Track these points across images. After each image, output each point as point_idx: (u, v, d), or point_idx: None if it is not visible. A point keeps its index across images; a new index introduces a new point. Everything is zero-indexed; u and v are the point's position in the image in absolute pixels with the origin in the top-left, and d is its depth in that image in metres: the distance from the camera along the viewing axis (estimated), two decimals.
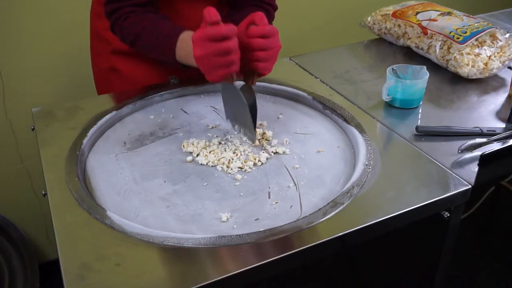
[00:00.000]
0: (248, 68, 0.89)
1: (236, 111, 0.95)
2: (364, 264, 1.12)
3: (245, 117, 0.91)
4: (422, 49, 1.27)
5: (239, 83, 0.91)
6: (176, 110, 1.07)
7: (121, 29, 1.01)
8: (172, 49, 0.94)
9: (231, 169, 0.87)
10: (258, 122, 1.00)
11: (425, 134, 0.96)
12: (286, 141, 0.95)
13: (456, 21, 1.23)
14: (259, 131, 0.97)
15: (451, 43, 1.19)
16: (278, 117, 1.04)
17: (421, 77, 1.05)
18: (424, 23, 1.28)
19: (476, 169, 0.85)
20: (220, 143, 0.95)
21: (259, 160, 0.89)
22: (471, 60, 1.15)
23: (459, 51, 1.17)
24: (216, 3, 1.13)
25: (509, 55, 1.18)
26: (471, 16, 1.28)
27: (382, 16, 1.41)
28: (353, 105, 1.07)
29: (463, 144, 0.89)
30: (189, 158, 0.90)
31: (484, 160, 0.84)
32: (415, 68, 1.07)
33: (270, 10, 1.14)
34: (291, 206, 0.79)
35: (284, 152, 0.92)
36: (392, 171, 0.85)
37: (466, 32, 1.18)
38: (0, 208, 1.66)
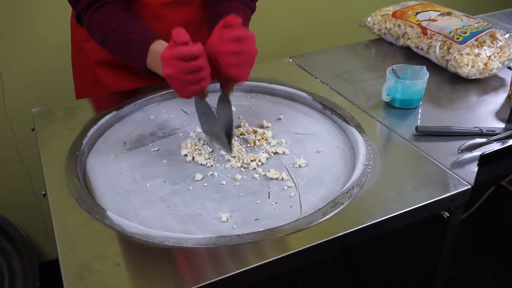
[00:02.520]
0: (223, 75, 0.86)
1: (210, 125, 0.94)
2: (364, 264, 1.12)
3: (218, 131, 0.91)
4: (422, 49, 1.27)
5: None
6: (176, 110, 1.07)
7: (89, 24, 0.98)
8: (143, 58, 0.92)
9: (231, 169, 0.87)
10: (261, 121, 1.00)
11: (425, 134, 0.96)
12: (281, 142, 0.95)
13: (456, 21, 1.23)
14: (259, 130, 0.97)
15: (451, 43, 1.19)
16: (278, 118, 1.04)
17: (421, 77, 1.06)
18: (424, 23, 1.28)
19: (476, 169, 0.85)
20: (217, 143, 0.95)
21: (259, 160, 0.89)
22: (471, 60, 1.15)
23: (459, 51, 1.17)
24: (198, 7, 1.12)
25: (508, 55, 1.18)
26: (471, 16, 1.28)
27: (382, 16, 1.41)
28: (353, 105, 1.07)
29: (463, 144, 0.89)
30: (189, 158, 0.90)
31: (483, 160, 0.84)
32: (415, 68, 1.07)
33: (249, 3, 1.09)
34: (291, 206, 0.79)
35: (284, 152, 0.92)
36: (392, 171, 0.85)
37: (466, 32, 1.18)
38: (0, 208, 1.66)
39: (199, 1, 1.11)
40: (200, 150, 0.92)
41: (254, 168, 0.88)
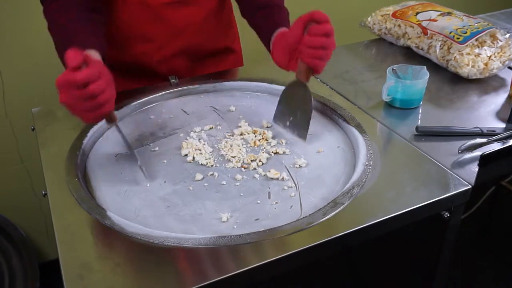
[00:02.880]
0: (303, 64, 0.89)
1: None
2: (364, 264, 1.12)
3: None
4: (422, 49, 1.27)
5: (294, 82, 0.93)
6: (176, 110, 1.07)
7: (44, 13, 0.97)
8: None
9: (232, 169, 0.87)
10: (261, 121, 1.01)
11: (425, 134, 0.96)
12: (282, 142, 0.95)
13: (456, 21, 1.23)
14: (259, 130, 0.97)
15: (451, 43, 1.19)
16: None
17: (421, 77, 1.05)
18: (424, 23, 1.28)
19: (476, 169, 0.85)
20: (219, 143, 0.95)
21: (259, 160, 0.89)
22: (471, 60, 1.15)
23: (459, 51, 1.17)
24: (200, 8, 1.11)
25: (509, 55, 1.18)
26: (471, 16, 1.27)
27: (382, 16, 1.41)
28: (353, 105, 1.07)
29: (463, 144, 0.89)
30: (189, 158, 0.90)
31: (484, 160, 0.84)
32: (415, 68, 1.07)
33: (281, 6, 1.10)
34: (291, 206, 0.79)
35: (284, 152, 0.92)
36: (392, 171, 0.85)
37: (466, 32, 1.18)
38: (0, 208, 1.66)
39: (202, 1, 1.11)
40: (200, 150, 0.92)
41: (255, 168, 0.88)
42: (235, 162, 0.89)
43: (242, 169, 0.88)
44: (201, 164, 0.89)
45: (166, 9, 1.07)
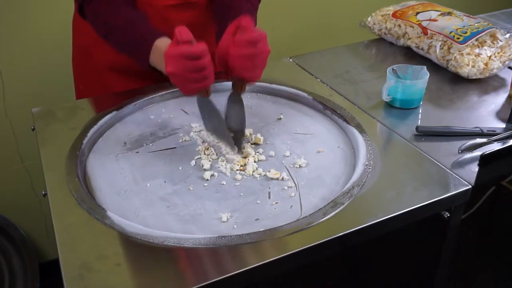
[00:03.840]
0: (235, 76, 0.87)
1: (214, 123, 0.94)
2: (364, 264, 1.12)
3: (224, 129, 0.91)
4: (422, 49, 1.27)
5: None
6: (176, 110, 1.07)
7: (93, 16, 0.99)
8: (147, 54, 0.92)
9: (231, 169, 0.87)
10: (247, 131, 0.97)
11: (425, 134, 0.96)
12: (285, 142, 0.95)
13: (456, 21, 1.23)
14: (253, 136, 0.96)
15: (451, 43, 1.19)
16: (278, 118, 1.04)
17: (421, 77, 1.05)
18: (424, 23, 1.28)
19: (476, 169, 0.85)
20: (219, 142, 0.95)
21: (259, 160, 0.89)
22: (471, 60, 1.15)
23: (459, 51, 1.17)
24: (203, 9, 1.12)
25: (509, 55, 1.18)
26: (471, 16, 1.27)
27: (382, 16, 1.41)
28: (353, 105, 1.07)
29: (463, 144, 0.89)
30: (192, 162, 0.90)
31: (484, 160, 0.84)
32: (415, 68, 1.07)
33: (254, 2, 1.09)
34: (291, 206, 0.79)
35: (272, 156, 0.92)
36: (392, 171, 0.85)
37: (466, 32, 1.18)
38: (0, 208, 1.66)
39: (205, 3, 1.11)
40: (202, 151, 0.92)
41: (256, 169, 0.88)
42: (235, 163, 0.89)
43: (243, 170, 0.88)
44: (201, 164, 0.89)
45: (170, 10, 1.07)
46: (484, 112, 1.05)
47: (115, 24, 0.96)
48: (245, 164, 0.88)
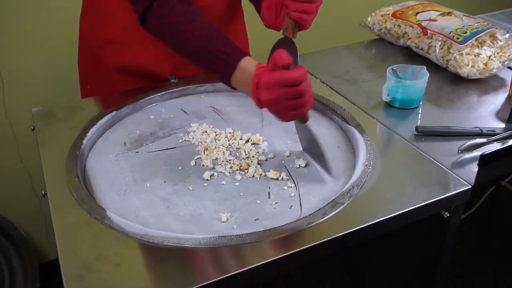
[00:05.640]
0: (289, 19, 0.88)
1: (311, 148, 0.91)
2: (364, 264, 1.12)
3: (320, 154, 0.88)
4: (422, 49, 1.27)
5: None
6: (176, 110, 1.07)
7: (162, 25, 0.91)
8: (230, 70, 0.85)
9: (231, 169, 0.87)
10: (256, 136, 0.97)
11: (425, 134, 0.96)
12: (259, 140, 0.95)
13: (456, 21, 1.23)
14: (252, 137, 0.96)
15: (451, 43, 1.19)
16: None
17: (421, 77, 1.05)
18: (424, 23, 1.28)
19: (476, 169, 0.85)
20: (217, 141, 0.95)
21: (259, 160, 0.89)
22: (471, 60, 1.15)
23: (459, 51, 1.17)
24: (220, 12, 1.10)
25: (509, 55, 1.18)
26: (471, 16, 1.28)
27: (382, 16, 1.41)
28: (353, 105, 1.07)
29: (463, 144, 0.89)
30: (192, 162, 0.90)
31: (484, 160, 0.84)
32: (415, 68, 1.07)
33: None
34: (291, 206, 0.79)
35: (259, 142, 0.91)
36: (392, 171, 0.85)
37: (466, 32, 1.18)
38: (0, 208, 1.66)
39: (221, 8, 1.10)
40: (201, 152, 0.92)
41: (258, 166, 0.88)
42: (235, 164, 0.89)
43: (243, 170, 0.88)
44: (201, 164, 0.89)
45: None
46: (484, 112, 1.05)
47: (190, 34, 0.88)
48: (247, 167, 0.88)
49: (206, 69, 0.90)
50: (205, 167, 0.88)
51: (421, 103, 1.08)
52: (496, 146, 0.91)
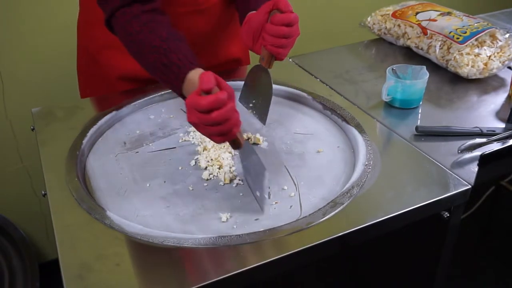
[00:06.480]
0: (266, 51, 0.89)
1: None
2: (364, 264, 1.12)
3: (258, 186, 0.81)
4: (422, 49, 1.27)
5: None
6: (176, 110, 1.07)
7: (125, 33, 0.90)
8: (180, 83, 0.83)
9: (231, 169, 0.87)
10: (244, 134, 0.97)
11: (425, 134, 0.96)
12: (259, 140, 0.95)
13: (456, 21, 1.23)
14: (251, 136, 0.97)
15: (451, 43, 1.19)
16: (278, 117, 1.04)
17: (421, 77, 1.05)
18: (424, 23, 1.28)
19: (476, 169, 0.85)
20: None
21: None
22: (471, 60, 1.15)
23: (459, 51, 1.17)
24: (215, 15, 1.10)
25: (509, 55, 1.18)
26: (471, 16, 1.28)
27: (382, 16, 1.41)
28: (353, 105, 1.07)
29: (463, 144, 0.89)
30: (192, 162, 0.90)
31: (484, 160, 0.84)
32: (415, 68, 1.07)
33: None
34: (291, 206, 0.79)
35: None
36: (392, 171, 0.85)
37: (466, 32, 1.18)
38: (0, 208, 1.66)
39: (217, 11, 1.10)
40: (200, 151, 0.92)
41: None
42: (235, 165, 0.89)
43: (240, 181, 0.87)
44: (201, 164, 0.89)
45: (182, 17, 1.05)
46: (484, 112, 1.05)
47: (149, 44, 0.86)
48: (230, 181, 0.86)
49: (160, 81, 0.88)
50: (205, 166, 0.88)
51: (421, 103, 1.08)
52: (496, 146, 0.91)
